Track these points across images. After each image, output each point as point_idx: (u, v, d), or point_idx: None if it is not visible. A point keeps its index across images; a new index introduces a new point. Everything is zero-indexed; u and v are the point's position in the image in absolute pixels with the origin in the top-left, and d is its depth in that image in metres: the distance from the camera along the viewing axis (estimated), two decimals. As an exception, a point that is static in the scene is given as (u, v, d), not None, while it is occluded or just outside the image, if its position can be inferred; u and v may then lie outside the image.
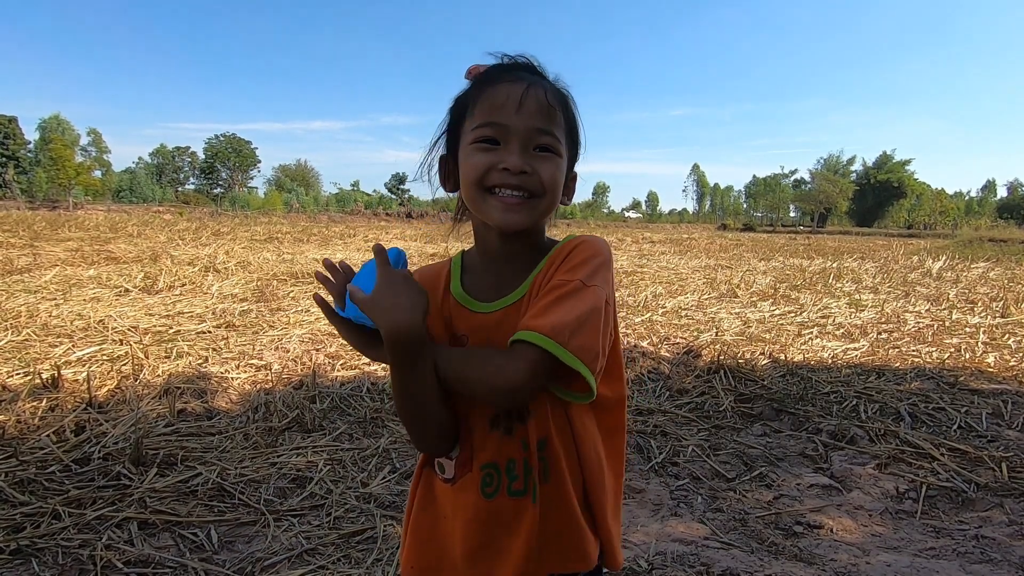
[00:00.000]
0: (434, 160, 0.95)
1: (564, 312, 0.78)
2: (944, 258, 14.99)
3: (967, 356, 4.84)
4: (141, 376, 3.72)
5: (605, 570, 0.94)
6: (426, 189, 0.97)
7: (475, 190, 0.86)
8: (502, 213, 0.85)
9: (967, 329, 5.97)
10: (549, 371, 0.78)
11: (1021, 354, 4.96)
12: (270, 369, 4.00)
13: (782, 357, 4.72)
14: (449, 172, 0.94)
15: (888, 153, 76.39)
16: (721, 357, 4.38)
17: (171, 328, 5.04)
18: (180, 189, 71.84)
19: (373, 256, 0.82)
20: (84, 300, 6.07)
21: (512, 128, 0.83)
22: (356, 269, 0.88)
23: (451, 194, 0.95)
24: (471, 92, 0.89)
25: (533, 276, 0.87)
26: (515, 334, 0.79)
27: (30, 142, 56.01)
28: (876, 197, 73.90)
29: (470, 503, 0.86)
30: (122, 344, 4.36)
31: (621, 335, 5.03)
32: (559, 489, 0.85)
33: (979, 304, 7.61)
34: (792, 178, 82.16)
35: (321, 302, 0.88)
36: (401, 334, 0.77)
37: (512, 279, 0.89)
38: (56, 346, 4.29)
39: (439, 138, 0.94)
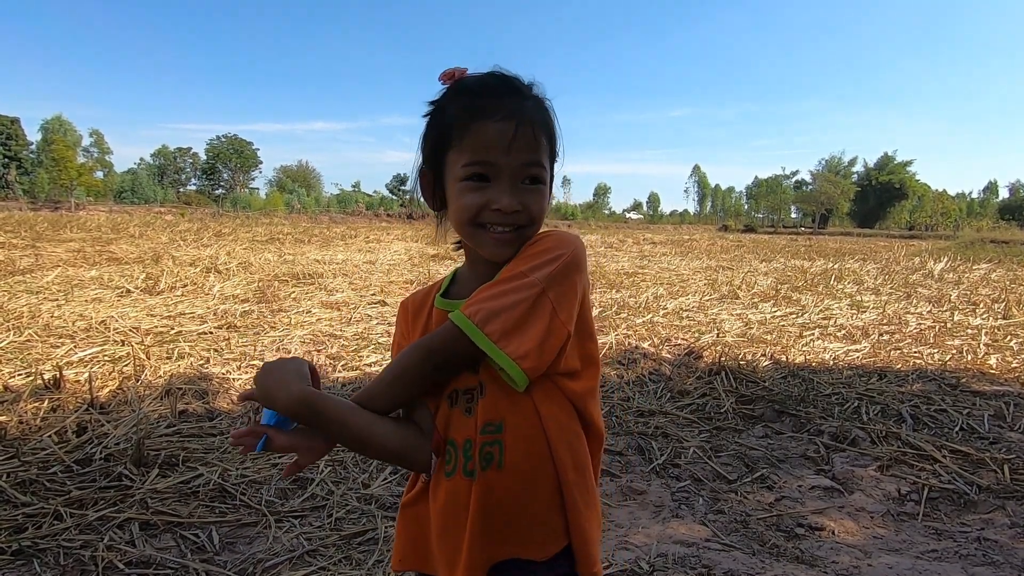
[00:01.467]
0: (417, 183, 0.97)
1: (489, 298, 0.84)
2: (946, 259, 14.97)
3: (969, 358, 4.84)
4: (143, 377, 3.73)
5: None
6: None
7: (468, 227, 0.90)
8: (493, 247, 0.89)
9: (969, 331, 5.97)
10: (468, 351, 0.83)
11: (1023, 356, 4.95)
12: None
13: (783, 358, 4.72)
14: (432, 187, 0.94)
15: (889, 154, 76.20)
16: (722, 358, 4.37)
17: (172, 329, 5.05)
18: (182, 190, 71.78)
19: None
20: (86, 301, 6.09)
21: (502, 167, 0.86)
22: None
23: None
24: (457, 117, 0.87)
25: (503, 268, 0.89)
26: None
27: (32, 143, 55.94)
28: (877, 198, 73.75)
29: (438, 482, 0.90)
30: (124, 345, 4.37)
31: (623, 336, 4.95)
32: (516, 478, 0.85)
33: (981, 306, 7.60)
34: (793, 179, 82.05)
35: (243, 434, 0.86)
36: (291, 404, 0.83)
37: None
38: (58, 347, 4.30)
39: (423, 161, 0.95)
